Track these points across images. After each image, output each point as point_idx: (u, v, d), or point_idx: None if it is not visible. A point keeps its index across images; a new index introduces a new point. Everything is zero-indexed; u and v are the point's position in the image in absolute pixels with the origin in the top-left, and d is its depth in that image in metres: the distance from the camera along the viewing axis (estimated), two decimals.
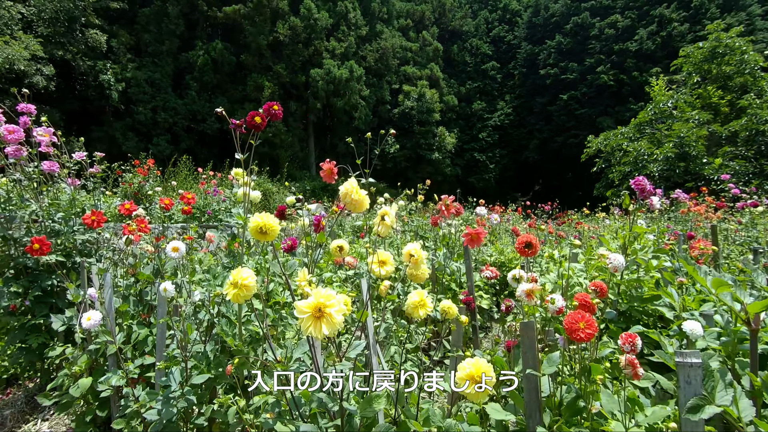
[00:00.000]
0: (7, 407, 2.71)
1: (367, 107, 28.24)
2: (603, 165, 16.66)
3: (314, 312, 0.87)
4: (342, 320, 0.89)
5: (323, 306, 0.88)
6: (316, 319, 0.87)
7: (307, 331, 0.86)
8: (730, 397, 0.86)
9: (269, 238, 1.05)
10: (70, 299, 2.14)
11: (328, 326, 0.86)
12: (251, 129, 1.73)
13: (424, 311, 1.31)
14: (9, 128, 2.73)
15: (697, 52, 15.06)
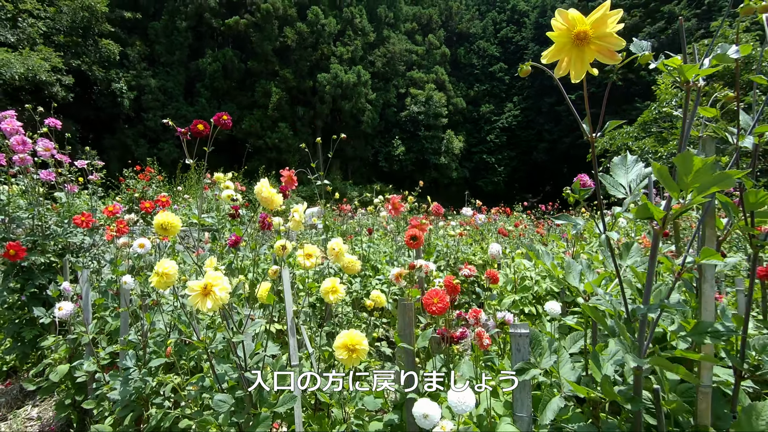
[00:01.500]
0: (3, 396, 2.94)
1: (374, 111, 28.49)
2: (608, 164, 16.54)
3: (202, 290, 1.04)
4: (226, 297, 1.06)
5: (210, 285, 1.05)
6: (204, 296, 1.04)
7: (195, 305, 1.03)
8: (551, 361, 1.00)
9: (171, 233, 1.22)
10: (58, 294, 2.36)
11: (212, 302, 1.03)
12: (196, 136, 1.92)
13: (335, 296, 1.47)
14: (18, 139, 3.00)
15: (702, 49, 14.78)
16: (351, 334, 1.11)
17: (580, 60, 0.60)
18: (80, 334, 2.23)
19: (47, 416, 2.57)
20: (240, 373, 1.29)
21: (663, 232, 0.83)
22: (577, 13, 0.59)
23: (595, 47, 0.59)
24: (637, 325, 0.88)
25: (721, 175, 0.69)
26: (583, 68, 0.61)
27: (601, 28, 0.58)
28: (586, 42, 0.59)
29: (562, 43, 0.60)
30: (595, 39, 0.59)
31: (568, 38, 0.59)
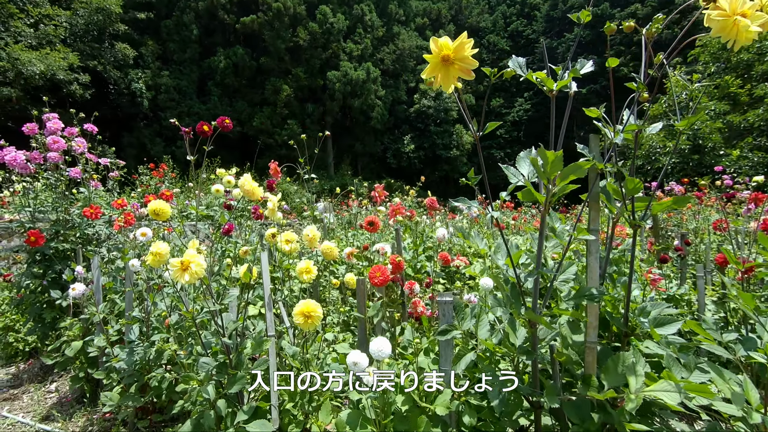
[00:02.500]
0: (25, 373, 3.25)
1: (384, 107, 28.61)
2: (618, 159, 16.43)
3: (181, 266, 1.26)
4: (201, 272, 1.27)
5: (188, 261, 1.26)
6: (183, 271, 1.26)
7: (175, 278, 1.25)
8: (471, 324, 1.18)
9: (162, 218, 1.44)
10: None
11: (189, 275, 1.25)
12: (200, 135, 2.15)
13: (308, 276, 1.67)
14: (54, 139, 3.29)
15: (714, 40, 14.63)
16: (307, 302, 1.32)
17: (447, 76, 0.78)
18: (92, 314, 2.48)
19: (64, 389, 2.85)
20: (223, 341, 1.51)
21: (546, 212, 1.00)
22: (444, 40, 0.77)
23: (457, 66, 0.78)
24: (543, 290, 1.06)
25: (573, 165, 0.87)
26: (449, 82, 0.79)
27: (460, 52, 0.77)
28: (450, 63, 0.77)
29: (434, 63, 0.79)
30: (457, 61, 0.77)
31: (438, 59, 0.78)
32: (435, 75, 0.80)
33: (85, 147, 3.55)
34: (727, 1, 0.84)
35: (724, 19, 0.84)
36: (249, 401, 1.60)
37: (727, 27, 0.85)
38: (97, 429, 2.31)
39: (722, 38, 0.87)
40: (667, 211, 0.92)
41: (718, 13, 0.85)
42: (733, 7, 0.83)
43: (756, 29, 0.84)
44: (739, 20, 0.83)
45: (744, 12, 0.84)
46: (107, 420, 2.34)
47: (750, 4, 0.85)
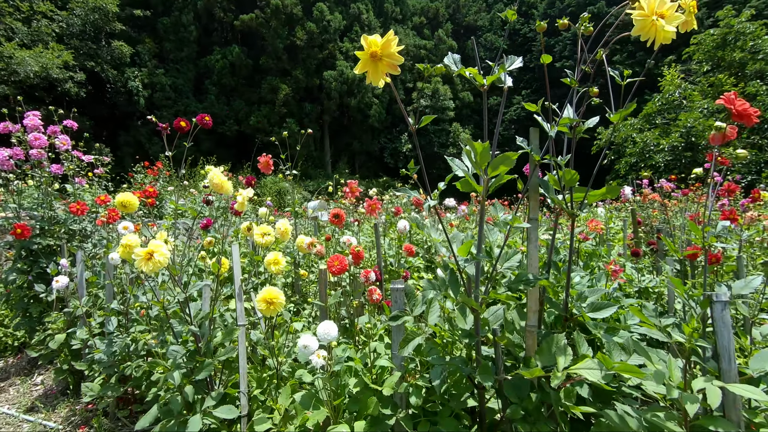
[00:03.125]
0: (13, 367, 3.29)
1: (381, 106, 28.65)
2: (613, 157, 16.52)
3: (146, 255, 1.31)
4: (165, 261, 1.32)
5: (151, 251, 1.31)
6: (147, 260, 1.30)
7: (140, 267, 1.30)
8: (421, 310, 1.24)
9: (129, 210, 1.49)
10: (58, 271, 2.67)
11: (153, 264, 1.30)
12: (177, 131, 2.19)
13: (276, 267, 1.72)
14: (35, 136, 3.33)
15: (708, 39, 14.72)
16: (270, 290, 1.37)
17: (376, 71, 0.83)
18: (75, 307, 2.53)
19: (49, 382, 2.90)
20: (190, 329, 1.56)
21: (485, 201, 1.05)
22: (373, 38, 0.82)
23: (385, 62, 0.83)
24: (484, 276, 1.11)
25: (502, 156, 0.92)
26: (378, 77, 0.84)
27: (387, 49, 0.82)
28: (378, 59, 0.82)
29: (364, 59, 0.84)
30: (385, 57, 0.82)
31: (368, 56, 0.83)
32: (366, 69, 0.84)
33: (68, 144, 3.58)
34: (648, 3, 0.89)
35: (644, 19, 0.89)
36: (218, 387, 1.65)
37: (646, 26, 0.90)
38: (79, 420, 2.36)
39: (641, 36, 0.92)
40: (602, 200, 0.94)
41: (638, 13, 0.90)
42: (651, 8, 0.88)
43: (671, 29, 0.89)
44: (657, 21, 0.88)
45: (662, 13, 0.89)
46: (89, 411, 2.39)
47: (668, 5, 0.90)
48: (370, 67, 0.83)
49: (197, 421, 1.46)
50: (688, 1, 0.95)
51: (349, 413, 1.23)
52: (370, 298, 1.30)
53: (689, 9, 0.96)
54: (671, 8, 0.90)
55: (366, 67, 0.84)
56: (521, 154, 1.17)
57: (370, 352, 1.27)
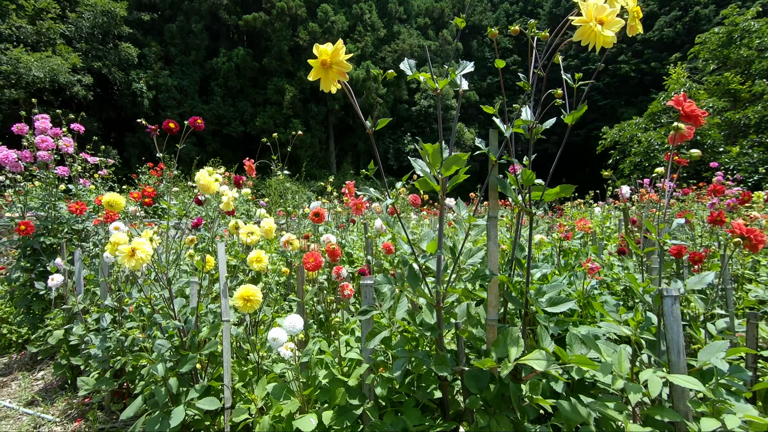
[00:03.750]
0: (16, 363, 3.39)
1: (385, 106, 28.72)
2: (618, 156, 16.42)
3: (129, 252, 1.37)
4: (147, 258, 1.38)
5: (134, 248, 1.38)
6: (130, 257, 1.37)
7: (123, 263, 1.36)
8: (389, 305, 1.29)
9: (116, 209, 1.56)
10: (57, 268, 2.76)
11: (135, 261, 1.36)
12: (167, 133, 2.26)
13: (259, 265, 1.78)
14: (42, 138, 3.43)
15: (713, 37, 14.58)
16: (247, 287, 1.43)
17: (327, 78, 0.89)
18: (73, 304, 2.61)
19: (50, 377, 2.99)
20: (175, 324, 1.62)
21: (442, 201, 1.10)
22: (324, 47, 0.88)
23: (335, 70, 0.88)
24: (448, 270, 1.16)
25: (453, 157, 0.97)
26: (329, 83, 0.89)
27: (336, 57, 0.87)
28: (328, 66, 0.87)
29: (316, 66, 0.89)
30: (334, 65, 0.87)
31: (319, 64, 0.88)
32: (319, 76, 0.90)
33: (72, 146, 3.68)
34: (587, 9, 0.94)
35: (583, 26, 0.94)
36: (203, 381, 1.72)
37: (586, 32, 0.94)
38: (76, 413, 2.44)
39: (582, 41, 0.96)
40: (557, 198, 0.95)
41: (578, 19, 0.95)
42: (590, 15, 0.93)
43: (610, 34, 0.93)
44: (594, 26, 0.92)
45: (602, 19, 0.94)
46: (85, 405, 2.47)
47: (608, 11, 0.95)
48: (321, 74, 0.88)
49: (180, 412, 1.52)
50: (632, 7, 1.00)
51: (319, 403, 1.28)
52: (341, 294, 1.35)
53: (633, 14, 1.00)
54: (611, 14, 0.95)
55: (318, 74, 0.89)
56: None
57: (340, 345, 1.33)
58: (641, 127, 15.39)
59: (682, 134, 1.21)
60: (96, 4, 19.76)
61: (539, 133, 1.19)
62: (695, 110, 1.04)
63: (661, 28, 26.51)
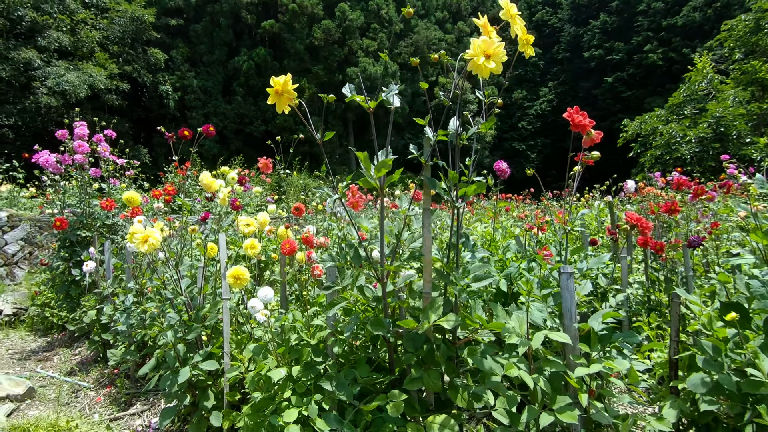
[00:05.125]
0: (57, 341, 3.86)
1: (403, 101, 28.85)
2: (639, 149, 16.07)
3: (142, 239, 1.70)
4: (158, 243, 1.71)
5: (147, 236, 1.70)
6: (143, 243, 1.70)
7: (138, 247, 1.69)
8: (348, 282, 1.57)
9: (132, 204, 1.89)
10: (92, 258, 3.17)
11: (147, 246, 1.69)
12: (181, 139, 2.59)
13: (252, 251, 2.09)
14: (79, 143, 3.86)
15: (740, 24, 14.08)
16: (238, 268, 1.73)
17: (281, 102, 1.17)
18: (104, 288, 3.01)
19: (86, 352, 3.42)
20: (182, 300, 1.96)
21: (382, 196, 1.37)
22: (276, 79, 1.16)
23: (285, 96, 1.16)
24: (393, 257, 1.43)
25: (381, 162, 1.24)
26: (282, 106, 1.17)
27: (285, 87, 1.15)
28: (280, 94, 1.16)
29: (273, 93, 1.17)
30: (284, 93, 1.16)
31: (274, 92, 1.16)
32: (275, 101, 1.18)
33: (108, 151, 4.12)
34: (473, 45, 1.17)
35: (472, 58, 1.17)
36: (207, 348, 2.05)
37: (474, 64, 1.18)
38: (107, 380, 2.84)
39: (473, 71, 1.20)
40: (476, 194, 1.11)
41: (469, 54, 1.18)
42: (476, 50, 1.16)
43: (493, 65, 1.17)
44: (478, 60, 1.16)
45: (488, 53, 1.18)
46: (115, 374, 2.87)
47: (495, 46, 1.18)
48: (276, 99, 1.17)
49: (186, 372, 1.85)
50: (522, 36, 1.23)
51: (293, 361, 1.58)
52: (313, 273, 1.64)
53: (523, 42, 1.24)
54: (498, 47, 1.18)
55: (274, 99, 1.18)
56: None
57: (311, 315, 1.62)
58: (663, 119, 15.03)
59: (592, 139, 1.44)
60: (126, 11, 20.73)
61: (464, 139, 1.43)
62: (582, 122, 1.27)
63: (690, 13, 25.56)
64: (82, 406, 2.57)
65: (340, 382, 1.35)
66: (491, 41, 1.16)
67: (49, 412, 2.36)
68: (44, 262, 4.62)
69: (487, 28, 1.23)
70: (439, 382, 1.37)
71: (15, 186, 8.16)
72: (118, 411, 2.47)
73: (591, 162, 1.44)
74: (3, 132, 17.83)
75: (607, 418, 1.22)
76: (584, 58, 31.17)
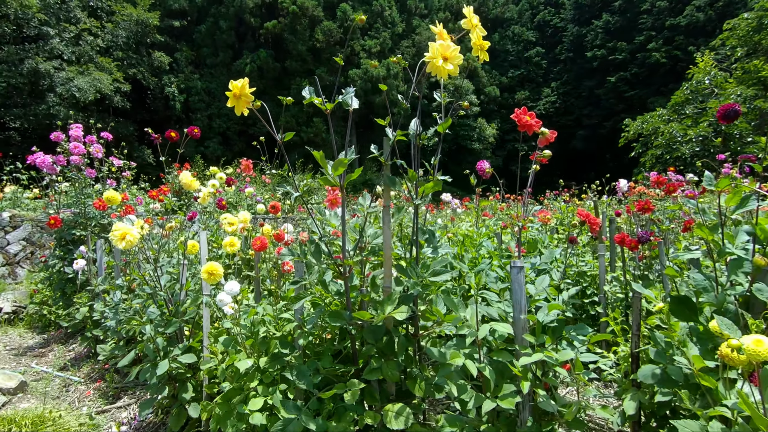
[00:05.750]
0: (53, 338, 3.95)
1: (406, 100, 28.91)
2: (640, 149, 16.01)
3: (120, 235, 1.77)
4: (135, 239, 1.78)
5: (125, 233, 1.78)
6: (121, 239, 1.77)
7: (116, 244, 1.76)
8: (315, 277, 1.63)
9: (112, 203, 1.97)
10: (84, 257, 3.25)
11: (125, 242, 1.76)
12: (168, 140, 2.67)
13: (231, 248, 2.15)
14: (75, 144, 3.95)
15: (742, 23, 13.99)
16: (211, 264, 1.80)
17: (239, 105, 1.23)
18: (95, 285, 3.09)
19: (79, 349, 3.51)
20: (161, 295, 2.03)
21: (343, 194, 1.43)
22: (234, 83, 1.22)
23: (243, 100, 1.23)
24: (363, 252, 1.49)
25: (338, 162, 1.30)
26: (241, 109, 1.24)
27: (243, 91, 1.21)
28: (238, 97, 1.22)
29: (231, 97, 1.24)
30: (243, 97, 1.22)
31: (233, 95, 1.23)
32: (234, 104, 1.25)
33: (101, 152, 4.21)
34: (432, 48, 1.24)
35: (431, 61, 1.24)
36: (187, 341, 2.11)
37: (433, 66, 1.24)
38: (97, 375, 2.92)
39: (432, 72, 1.26)
40: (433, 191, 1.15)
41: (428, 56, 1.25)
42: (434, 53, 1.23)
43: (450, 67, 1.23)
44: (437, 62, 1.22)
45: (446, 55, 1.24)
46: (105, 369, 2.94)
47: (452, 49, 1.24)
48: (235, 102, 1.23)
49: (165, 364, 1.92)
50: (475, 41, 1.29)
51: (262, 352, 1.64)
52: (282, 269, 1.71)
53: (476, 47, 1.29)
54: (454, 51, 1.24)
55: (233, 102, 1.24)
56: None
57: (280, 308, 1.68)
58: (664, 119, 14.97)
59: (546, 138, 1.49)
60: (131, 14, 21.00)
61: (425, 139, 1.49)
62: (529, 122, 1.33)
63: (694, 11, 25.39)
64: (71, 399, 2.65)
65: (301, 371, 1.41)
66: (448, 45, 1.22)
67: (38, 405, 2.44)
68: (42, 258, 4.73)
69: (443, 34, 1.29)
70: (397, 373, 1.42)
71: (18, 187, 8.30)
72: (105, 404, 2.55)
73: (544, 160, 1.49)
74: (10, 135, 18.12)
75: (552, 406, 1.28)
76: (587, 57, 31.06)
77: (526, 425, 1.29)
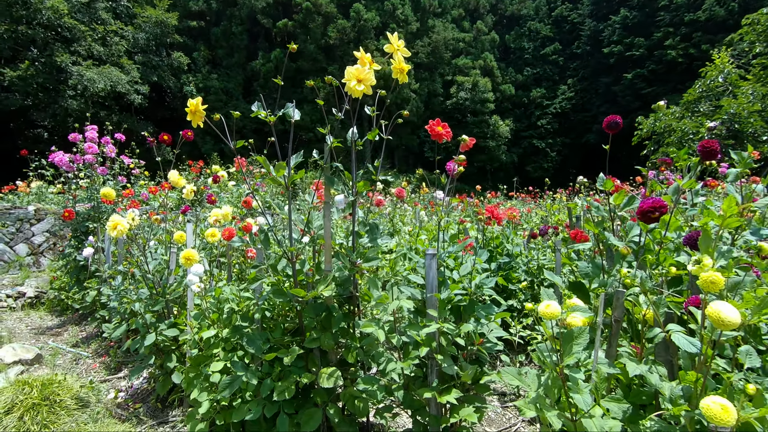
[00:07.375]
0: (69, 320, 4.36)
1: (419, 100, 29.01)
2: (652, 147, 15.79)
3: (113, 225, 2.09)
4: (124, 230, 2.09)
5: (116, 223, 2.09)
6: (113, 229, 2.08)
7: (109, 233, 2.08)
8: (272, 261, 1.90)
9: (108, 199, 2.28)
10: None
11: (117, 232, 2.07)
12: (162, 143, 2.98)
13: (212, 238, 2.45)
14: (89, 145, 4.34)
15: (762, 18, 13.64)
16: (188, 250, 2.10)
17: (195, 119, 1.51)
18: (103, 272, 3.45)
19: (90, 329, 3.89)
20: (149, 277, 2.34)
21: (290, 193, 1.69)
22: (191, 101, 1.50)
23: (198, 115, 1.51)
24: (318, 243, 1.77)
25: (279, 165, 1.57)
26: (196, 121, 1.52)
27: (197, 108, 1.49)
28: (194, 113, 1.50)
29: (190, 113, 1.52)
30: (197, 112, 1.50)
31: (190, 111, 1.51)
32: (191, 119, 1.53)
33: (114, 152, 4.59)
34: (347, 72, 1.48)
35: (347, 82, 1.49)
36: (171, 319, 2.43)
37: (348, 87, 1.49)
38: (103, 350, 3.28)
39: (349, 92, 1.51)
40: (365, 189, 1.32)
41: (345, 78, 1.50)
42: (350, 76, 1.48)
43: (361, 88, 1.48)
44: (349, 83, 1.47)
45: (359, 78, 1.48)
46: (110, 345, 3.30)
47: (366, 72, 1.49)
48: (192, 117, 1.51)
49: (152, 337, 2.24)
50: (395, 65, 1.53)
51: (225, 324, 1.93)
52: (246, 255, 1.99)
53: (396, 70, 1.54)
54: (368, 74, 1.49)
55: (190, 117, 1.52)
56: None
57: (242, 288, 1.97)
58: (677, 117, 14.73)
59: (466, 144, 1.73)
60: (150, 16, 21.75)
61: (360, 145, 1.74)
62: (440, 132, 1.57)
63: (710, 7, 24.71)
64: (80, 370, 3.01)
65: (251, 339, 1.69)
66: (363, 69, 1.47)
67: (49, 373, 2.80)
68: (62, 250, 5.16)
69: (363, 59, 1.54)
70: (332, 342, 1.69)
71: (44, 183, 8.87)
72: (108, 375, 2.90)
73: (464, 163, 1.73)
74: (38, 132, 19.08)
75: (453, 369, 1.52)
76: (604, 53, 30.55)
77: (432, 385, 1.54)
